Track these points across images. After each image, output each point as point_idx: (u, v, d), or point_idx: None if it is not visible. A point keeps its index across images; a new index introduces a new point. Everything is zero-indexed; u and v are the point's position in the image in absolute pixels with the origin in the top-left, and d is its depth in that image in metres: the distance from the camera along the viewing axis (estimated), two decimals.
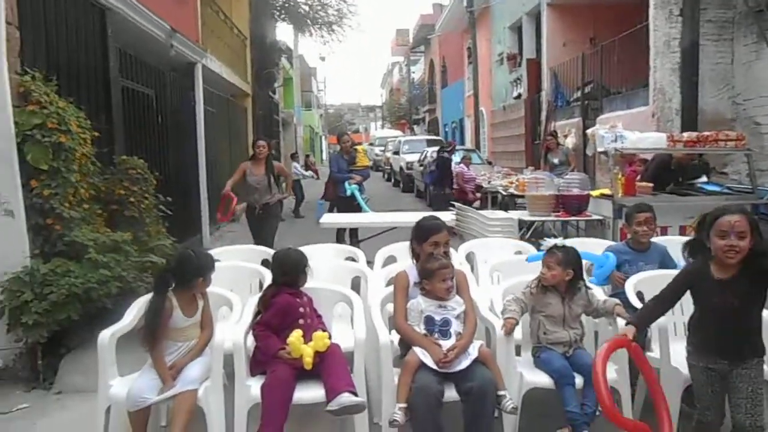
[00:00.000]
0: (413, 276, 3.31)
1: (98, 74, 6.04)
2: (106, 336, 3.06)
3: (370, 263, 4.65)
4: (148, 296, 3.34)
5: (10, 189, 4.27)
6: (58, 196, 4.47)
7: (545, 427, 3.18)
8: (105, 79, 6.14)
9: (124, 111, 6.57)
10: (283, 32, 70.09)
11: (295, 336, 3.00)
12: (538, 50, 16.58)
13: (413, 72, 44.93)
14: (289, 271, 3.31)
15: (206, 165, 9.93)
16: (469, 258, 4.81)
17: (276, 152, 16.66)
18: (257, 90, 16.20)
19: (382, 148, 28.00)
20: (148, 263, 5.03)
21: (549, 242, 3.29)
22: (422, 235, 3.34)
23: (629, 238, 4.08)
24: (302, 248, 3.61)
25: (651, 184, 6.59)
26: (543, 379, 3.08)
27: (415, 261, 3.42)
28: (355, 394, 2.89)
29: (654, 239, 4.10)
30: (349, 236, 8.11)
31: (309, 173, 16.53)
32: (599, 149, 6.90)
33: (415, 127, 41.56)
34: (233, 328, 3.15)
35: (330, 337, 3.18)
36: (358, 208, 8.21)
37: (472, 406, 2.83)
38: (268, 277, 4.13)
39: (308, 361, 2.95)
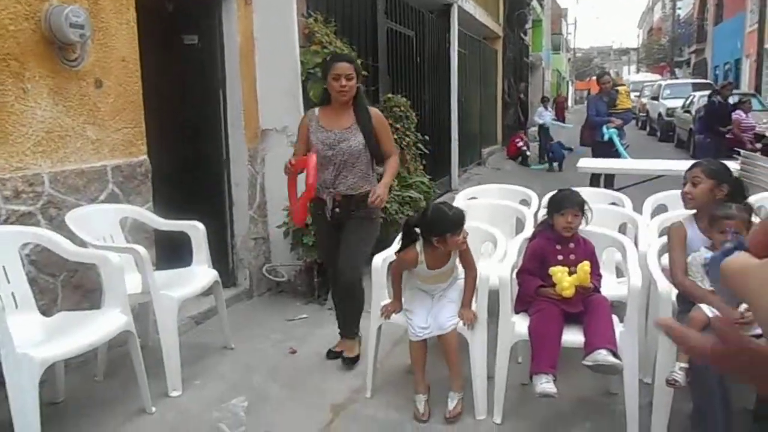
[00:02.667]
0: (692, 227, 2.95)
1: (368, 16, 6.35)
2: (379, 260, 3.25)
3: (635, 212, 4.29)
4: None
5: (295, 123, 4.73)
6: None
7: None
8: (373, 21, 6.45)
9: (388, 51, 6.85)
10: None
11: (559, 268, 2.90)
12: None
13: (679, 8, 40.12)
14: (548, 211, 3.16)
15: (458, 107, 10.04)
16: (758, 212, 4.18)
17: (524, 97, 16.20)
18: (508, 32, 15.82)
19: (637, 94, 25.74)
20: (407, 198, 5.27)
21: None
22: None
23: None
24: None
25: None
26: None
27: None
28: (614, 354, 2.70)
29: None
30: (604, 185, 7.61)
31: (568, 125, 15.08)
32: None
33: (676, 70, 37.43)
34: (498, 264, 3.13)
35: (598, 290, 3.00)
36: (615, 155, 7.64)
37: None
38: (528, 216, 4.06)
39: (565, 286, 2.82)
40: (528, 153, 13.70)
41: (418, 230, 3.05)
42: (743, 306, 2.60)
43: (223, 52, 4.54)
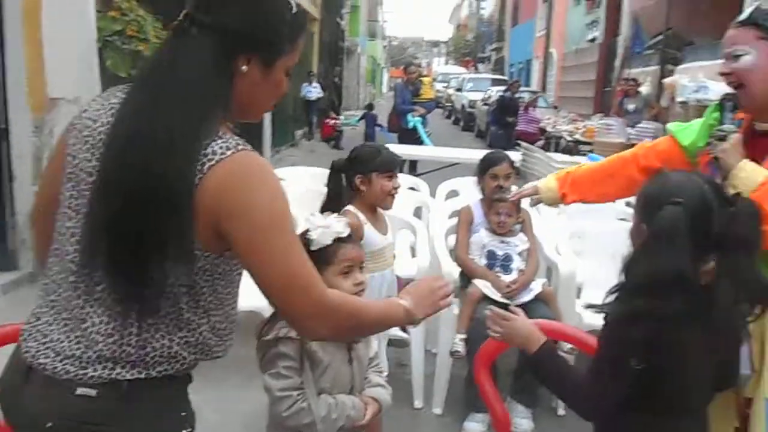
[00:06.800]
0: (478, 212, 3.29)
1: None
2: None
3: (431, 196, 4.63)
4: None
5: (90, 94, 4.40)
6: None
7: None
8: None
9: None
10: None
11: None
12: None
13: (483, 8, 43.46)
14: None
15: None
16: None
17: (339, 81, 16.49)
18: (324, 15, 15.97)
19: (445, 85, 27.50)
20: None
21: None
22: (483, 167, 3.31)
23: None
24: None
25: None
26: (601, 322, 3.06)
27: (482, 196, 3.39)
28: (404, 329, 2.93)
29: None
30: (409, 169, 8.08)
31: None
32: (679, 99, 6.60)
33: (479, 65, 40.55)
34: None
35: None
36: (419, 142, 8.14)
37: None
38: None
39: None
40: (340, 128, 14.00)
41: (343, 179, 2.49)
42: (510, 278, 2.98)
43: (2, 10, 4.06)
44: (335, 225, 1.76)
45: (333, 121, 14.18)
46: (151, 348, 1.10)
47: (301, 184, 4.54)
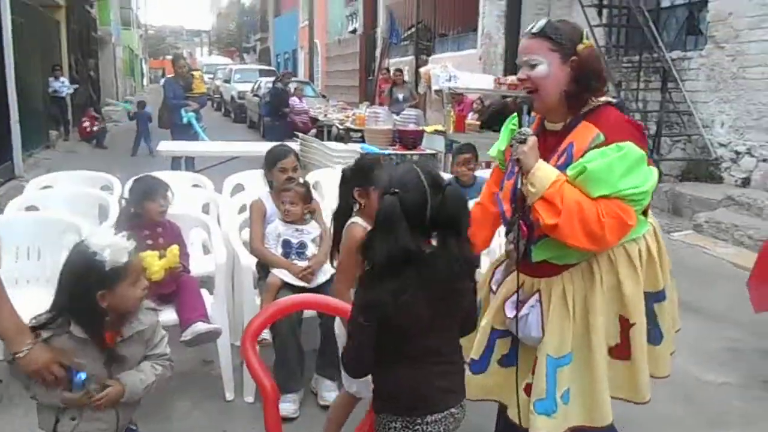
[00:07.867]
0: (270, 204, 3.41)
1: None
2: None
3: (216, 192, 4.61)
4: None
5: None
6: None
7: None
8: None
9: None
10: None
11: (149, 253, 2.94)
12: None
13: None
14: (134, 200, 3.21)
15: (16, 83, 8.90)
16: (316, 187, 4.97)
17: (95, 74, 15.22)
18: (71, 2, 14.56)
19: (211, 76, 26.74)
20: None
21: None
22: (271, 161, 3.45)
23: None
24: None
25: (478, 122, 7.20)
26: None
27: (270, 189, 3.51)
28: (208, 323, 2.97)
29: (478, 173, 4.50)
30: (185, 167, 7.85)
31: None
32: (434, 87, 7.33)
33: (245, 55, 40.11)
34: None
35: (188, 269, 3.18)
36: (195, 137, 7.94)
37: (327, 320, 3.04)
38: (111, 204, 3.99)
39: (155, 270, 2.83)
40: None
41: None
42: (305, 264, 3.16)
43: None
44: (119, 241, 1.80)
45: (90, 121, 13.09)
46: None
47: (71, 189, 4.25)
